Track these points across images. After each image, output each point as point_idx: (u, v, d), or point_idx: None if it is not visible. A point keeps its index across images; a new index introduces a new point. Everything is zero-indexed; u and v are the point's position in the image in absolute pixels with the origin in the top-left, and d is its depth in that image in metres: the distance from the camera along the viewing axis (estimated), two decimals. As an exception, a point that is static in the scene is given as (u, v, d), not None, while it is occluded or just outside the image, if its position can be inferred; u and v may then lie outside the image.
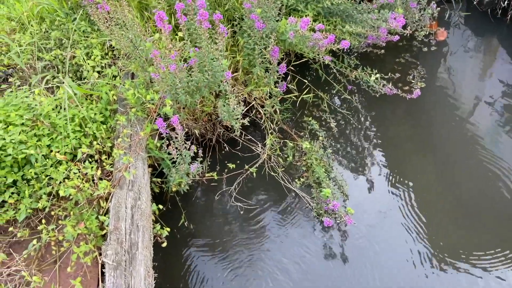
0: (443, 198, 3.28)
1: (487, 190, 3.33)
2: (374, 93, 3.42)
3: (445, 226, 3.12)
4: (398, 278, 2.85)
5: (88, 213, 2.44)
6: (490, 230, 3.09)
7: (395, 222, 3.12)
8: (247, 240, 3.06)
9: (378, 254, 2.95)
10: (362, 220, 3.09)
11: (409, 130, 3.77)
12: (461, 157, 3.60)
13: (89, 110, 2.76)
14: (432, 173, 3.47)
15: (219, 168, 3.36)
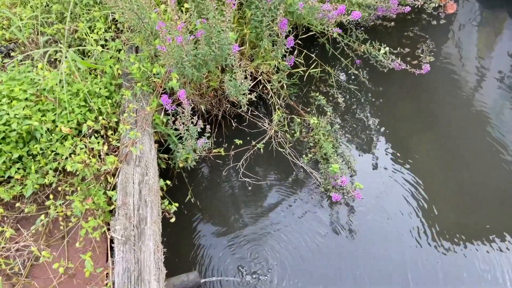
0: (449, 175, 3.26)
1: (492, 169, 3.30)
2: (382, 68, 3.36)
3: (449, 203, 3.10)
4: (402, 251, 2.85)
5: (95, 188, 2.42)
6: (493, 209, 3.08)
7: (400, 198, 3.10)
8: (255, 216, 3.05)
9: (383, 228, 2.95)
10: (369, 195, 3.07)
11: (416, 106, 3.72)
12: (468, 134, 3.56)
13: (93, 85, 2.71)
14: (438, 150, 3.44)
15: (226, 144, 3.33)
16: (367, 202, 3.04)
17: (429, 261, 2.80)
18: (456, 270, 2.77)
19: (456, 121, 3.61)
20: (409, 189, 3.15)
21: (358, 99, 3.64)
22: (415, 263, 2.78)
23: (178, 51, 2.46)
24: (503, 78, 4.10)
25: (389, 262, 2.78)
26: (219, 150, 3.00)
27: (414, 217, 2.99)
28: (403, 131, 3.54)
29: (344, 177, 2.76)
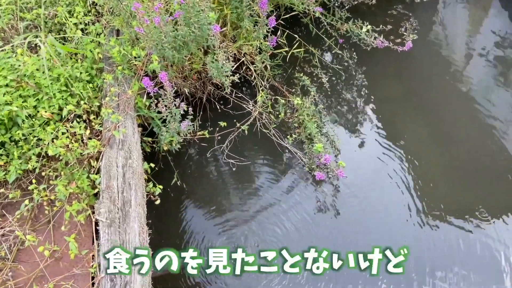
0: (435, 153, 3.30)
1: (479, 146, 3.34)
2: (366, 46, 3.36)
3: (436, 180, 3.15)
4: (389, 228, 2.90)
5: (79, 172, 2.42)
6: (481, 186, 3.13)
7: (386, 176, 3.15)
8: (240, 197, 3.08)
9: (371, 206, 3.00)
10: (354, 174, 3.11)
11: (401, 84, 3.75)
12: (454, 111, 3.60)
13: (74, 69, 2.69)
14: (424, 127, 3.48)
15: (211, 127, 3.33)
16: (352, 181, 3.08)
17: (420, 238, 2.84)
18: (448, 246, 2.82)
19: (443, 98, 3.64)
20: (393, 168, 3.19)
21: (342, 78, 3.66)
22: (405, 240, 2.83)
23: (157, 33, 2.45)
24: (487, 54, 4.13)
25: (378, 240, 2.83)
26: (203, 132, 3.01)
27: (404, 194, 3.04)
28: (388, 109, 3.57)
29: (327, 155, 2.79)
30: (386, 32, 3.51)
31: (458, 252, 2.79)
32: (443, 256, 2.77)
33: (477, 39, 4.31)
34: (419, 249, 2.78)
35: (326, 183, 3.11)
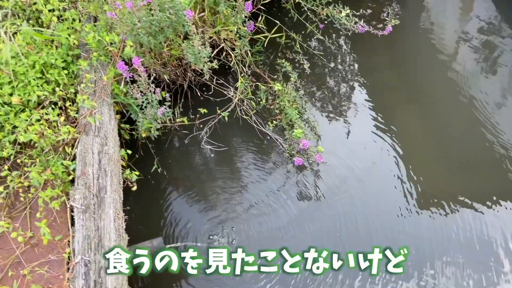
0: (424, 140, 3.31)
1: (467, 134, 3.36)
2: (346, 31, 3.34)
3: (427, 168, 3.16)
4: (382, 216, 2.91)
5: (54, 159, 2.41)
6: (469, 174, 3.14)
7: (368, 160, 3.16)
8: (221, 184, 3.09)
9: (353, 191, 3.01)
10: (335, 159, 3.12)
11: (386, 71, 3.74)
12: (443, 98, 3.60)
13: (49, 56, 2.67)
14: (410, 113, 3.49)
15: (193, 114, 3.32)
16: (332, 166, 3.08)
17: (411, 226, 2.87)
18: (439, 232, 2.84)
19: (430, 84, 3.64)
20: (377, 152, 3.20)
21: (324, 64, 3.65)
22: (395, 227, 2.85)
23: (130, 18, 2.43)
24: (472, 40, 4.12)
25: (368, 228, 2.85)
26: (182, 119, 3.00)
27: (384, 179, 3.06)
28: (371, 94, 3.56)
29: (305, 140, 2.79)
30: (368, 17, 3.50)
31: (451, 238, 2.83)
32: (439, 244, 2.80)
33: (461, 24, 4.30)
34: (412, 237, 2.82)
35: (307, 169, 3.11)
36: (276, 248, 2.51)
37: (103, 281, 2.09)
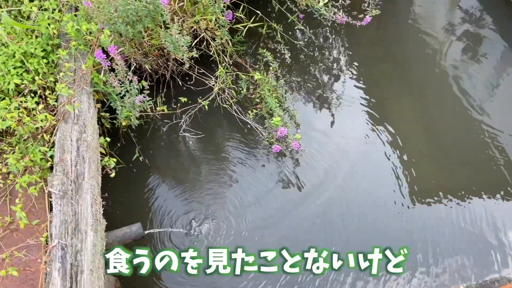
0: (407, 131, 3.37)
1: (457, 128, 3.41)
2: (326, 21, 3.39)
3: (416, 158, 3.22)
4: (375, 211, 2.97)
5: (33, 146, 2.46)
6: (459, 168, 3.20)
7: (344, 144, 3.23)
8: (202, 171, 3.14)
9: (329, 177, 3.07)
10: (312, 145, 3.18)
11: (366, 60, 3.79)
12: (430, 88, 3.64)
13: (29, 46, 2.70)
14: (396, 103, 3.55)
15: (175, 104, 3.36)
16: (311, 154, 3.14)
17: (402, 221, 2.92)
18: (432, 226, 2.89)
19: (416, 75, 3.70)
20: (357, 139, 3.26)
21: (305, 54, 3.69)
22: (389, 221, 2.91)
23: (107, 7, 2.46)
24: (454, 30, 4.17)
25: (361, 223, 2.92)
26: (162, 108, 3.04)
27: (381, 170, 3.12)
28: (354, 85, 3.61)
29: (282, 128, 2.84)
30: (349, 8, 3.54)
31: (445, 230, 2.89)
32: (433, 234, 2.86)
33: (447, 14, 4.34)
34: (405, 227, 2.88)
35: (287, 157, 3.17)
36: (256, 236, 2.59)
37: (80, 264, 2.14)
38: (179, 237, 2.82)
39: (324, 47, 3.80)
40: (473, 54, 3.93)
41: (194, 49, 3.02)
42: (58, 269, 2.09)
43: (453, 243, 2.81)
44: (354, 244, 2.76)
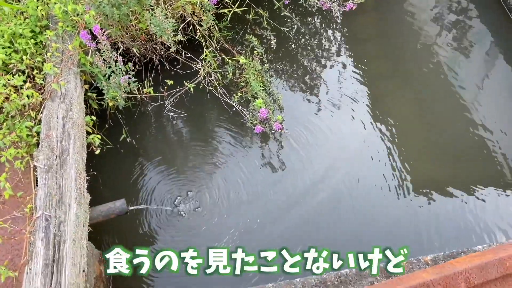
0: (396, 116, 3.45)
1: (450, 120, 3.47)
2: (311, 7, 3.46)
3: (410, 149, 3.29)
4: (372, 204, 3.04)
5: (20, 123, 2.54)
6: (453, 161, 3.26)
7: (328, 129, 3.30)
8: (188, 152, 3.22)
9: (308, 164, 3.16)
10: (295, 128, 3.26)
11: (353, 46, 3.86)
12: (421, 77, 3.71)
13: (17, 27, 2.78)
14: (383, 91, 3.62)
15: (162, 88, 3.44)
16: (293, 136, 3.23)
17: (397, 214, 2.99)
18: (430, 222, 2.95)
19: (403, 62, 3.78)
20: (341, 123, 3.34)
21: (291, 41, 3.76)
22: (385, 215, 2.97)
23: (92, -12, 2.54)
24: (441, 16, 4.24)
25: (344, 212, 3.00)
26: (149, 90, 3.12)
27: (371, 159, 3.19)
28: (338, 72, 3.69)
29: (263, 109, 2.92)
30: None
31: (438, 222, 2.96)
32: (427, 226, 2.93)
33: (439, 5, 4.41)
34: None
35: (271, 139, 3.25)
36: (239, 217, 2.64)
37: (62, 234, 2.22)
38: (166, 214, 2.91)
39: (311, 35, 3.87)
40: (464, 45, 4.00)
41: (180, 33, 3.10)
42: (41, 239, 2.17)
43: (445, 239, 2.87)
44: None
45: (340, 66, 3.74)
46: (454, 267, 1.87)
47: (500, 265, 1.84)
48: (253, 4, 3.62)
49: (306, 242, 2.73)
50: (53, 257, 2.14)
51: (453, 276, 1.81)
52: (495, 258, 1.85)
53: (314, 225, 2.89)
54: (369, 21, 4.11)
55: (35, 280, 2.07)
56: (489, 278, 1.83)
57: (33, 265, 2.10)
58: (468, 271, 1.82)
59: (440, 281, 1.80)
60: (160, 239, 2.82)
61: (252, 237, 2.82)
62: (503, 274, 1.86)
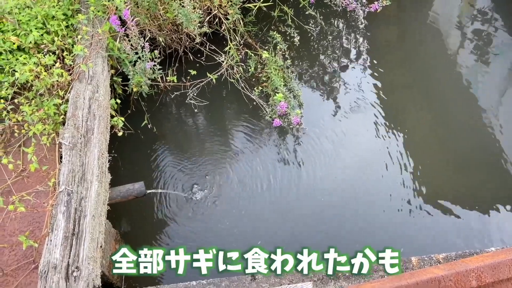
0: (414, 124, 3.46)
1: (467, 131, 3.45)
2: (336, 7, 3.49)
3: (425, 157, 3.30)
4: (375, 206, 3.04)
5: (48, 101, 2.62)
6: (467, 172, 3.22)
7: (342, 133, 3.33)
8: (207, 141, 3.28)
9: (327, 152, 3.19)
10: (313, 126, 3.30)
11: (376, 50, 3.88)
12: (441, 87, 3.69)
13: (51, 9, 2.87)
14: (404, 98, 3.63)
15: (185, 78, 3.50)
16: (313, 130, 3.27)
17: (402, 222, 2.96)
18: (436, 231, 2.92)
19: (426, 68, 3.78)
20: (354, 123, 3.36)
21: (314, 39, 3.80)
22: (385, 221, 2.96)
23: (125, -25, 2.62)
24: (465, 25, 4.23)
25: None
26: (172, 78, 3.18)
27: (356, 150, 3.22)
28: (359, 76, 3.71)
29: (282, 102, 2.96)
30: None
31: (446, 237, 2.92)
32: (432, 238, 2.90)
33: (459, 12, 4.41)
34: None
35: (289, 134, 3.29)
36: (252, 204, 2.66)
37: (83, 209, 2.29)
38: (181, 200, 2.97)
39: (334, 36, 3.90)
40: (486, 56, 3.99)
41: (206, 25, 3.17)
42: (63, 212, 2.25)
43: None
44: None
45: (360, 70, 3.76)
46: (466, 265, 1.88)
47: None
48: (279, 1, 3.68)
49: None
50: (73, 231, 2.21)
51: (465, 273, 1.83)
52: (508, 258, 1.86)
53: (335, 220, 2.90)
54: (392, 28, 4.13)
55: (55, 251, 2.14)
56: (501, 277, 1.83)
57: (53, 237, 2.18)
58: (480, 269, 1.83)
59: (452, 277, 1.81)
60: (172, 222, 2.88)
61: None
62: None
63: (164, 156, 3.19)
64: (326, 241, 2.82)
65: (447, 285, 1.82)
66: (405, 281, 1.84)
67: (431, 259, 2.07)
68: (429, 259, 2.07)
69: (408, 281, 1.84)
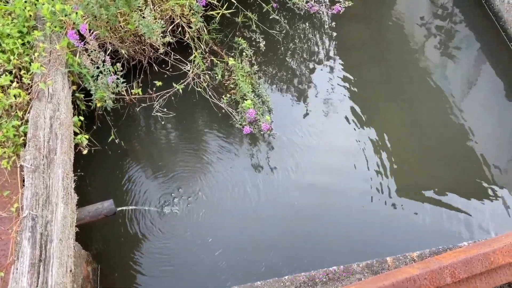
0: (379, 116, 3.48)
1: (435, 124, 3.50)
2: (299, 10, 3.50)
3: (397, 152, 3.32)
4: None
5: (6, 123, 2.52)
6: (446, 165, 3.28)
7: (315, 133, 3.33)
8: (176, 153, 3.22)
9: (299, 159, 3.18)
10: (284, 130, 3.29)
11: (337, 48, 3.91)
12: (405, 81, 3.74)
13: (5, 27, 2.76)
14: (372, 94, 3.66)
15: (151, 89, 3.44)
16: (281, 137, 3.25)
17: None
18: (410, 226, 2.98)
19: (405, 71, 3.82)
20: (326, 126, 3.37)
21: (279, 43, 3.80)
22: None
23: (80, -12, 2.54)
24: (428, 22, 4.31)
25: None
26: (137, 91, 3.12)
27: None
28: (327, 76, 3.73)
29: (251, 110, 2.94)
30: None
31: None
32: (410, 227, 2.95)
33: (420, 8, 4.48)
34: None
35: (260, 141, 3.27)
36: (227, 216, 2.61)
37: (49, 234, 2.20)
38: (154, 215, 2.90)
39: (300, 38, 3.90)
40: (451, 50, 4.06)
41: (169, 34, 3.11)
42: (28, 238, 2.15)
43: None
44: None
45: (328, 71, 3.77)
46: (440, 262, 1.89)
47: (485, 260, 1.87)
48: (242, 7, 3.65)
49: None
50: (39, 257, 2.11)
51: (439, 270, 1.84)
52: (479, 253, 1.88)
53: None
54: (358, 27, 4.17)
55: (22, 279, 2.04)
56: (475, 272, 1.85)
57: (20, 265, 2.08)
58: (454, 266, 1.85)
59: (426, 276, 1.82)
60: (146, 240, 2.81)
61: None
62: (488, 268, 1.89)
63: (133, 171, 3.11)
64: (302, 245, 2.82)
65: (423, 284, 1.83)
66: (381, 283, 1.83)
67: (406, 258, 2.08)
68: (403, 258, 2.08)
69: (384, 283, 1.84)
